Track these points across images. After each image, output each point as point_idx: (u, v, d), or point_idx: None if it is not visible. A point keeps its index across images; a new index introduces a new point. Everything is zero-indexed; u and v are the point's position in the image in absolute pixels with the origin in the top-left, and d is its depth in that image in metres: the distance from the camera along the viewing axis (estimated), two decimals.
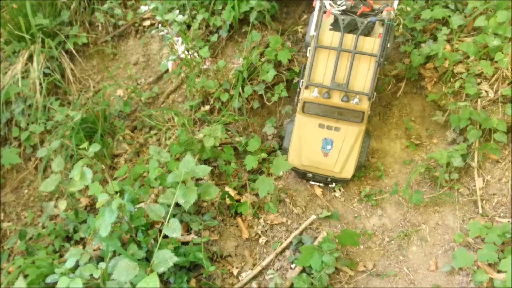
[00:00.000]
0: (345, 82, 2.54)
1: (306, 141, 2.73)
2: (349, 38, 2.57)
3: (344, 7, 2.63)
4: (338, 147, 2.69)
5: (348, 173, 2.74)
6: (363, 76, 2.56)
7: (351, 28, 2.60)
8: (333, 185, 2.89)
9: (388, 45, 2.61)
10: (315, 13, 2.72)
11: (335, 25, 2.66)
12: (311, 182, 2.93)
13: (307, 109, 2.70)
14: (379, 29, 2.67)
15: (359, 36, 2.54)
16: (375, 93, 2.64)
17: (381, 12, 2.60)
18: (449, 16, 2.96)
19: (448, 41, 3.01)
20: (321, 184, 2.93)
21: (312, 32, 2.69)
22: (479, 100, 2.85)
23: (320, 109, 2.66)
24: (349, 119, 2.66)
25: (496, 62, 2.78)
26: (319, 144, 2.71)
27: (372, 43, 2.56)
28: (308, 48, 2.73)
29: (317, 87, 2.58)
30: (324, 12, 2.62)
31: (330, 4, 2.63)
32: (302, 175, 2.88)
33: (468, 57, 2.91)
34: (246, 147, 3.00)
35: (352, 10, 2.65)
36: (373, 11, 2.66)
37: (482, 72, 2.87)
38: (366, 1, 2.67)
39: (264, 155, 2.92)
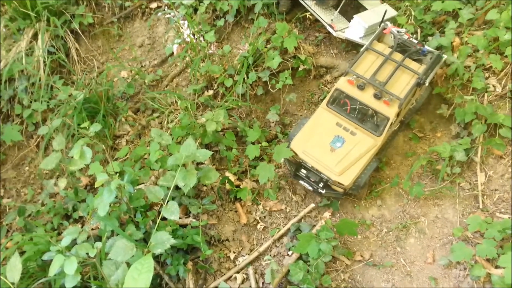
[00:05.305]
0: (384, 81, 2.62)
1: (318, 132, 2.68)
2: (398, 56, 2.74)
3: (402, 32, 2.86)
4: (347, 149, 2.60)
5: (346, 179, 2.57)
6: (402, 85, 2.65)
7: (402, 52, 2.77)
8: (323, 191, 2.68)
9: (421, 93, 2.79)
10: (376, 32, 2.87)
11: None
12: (300, 182, 2.76)
13: (332, 105, 2.72)
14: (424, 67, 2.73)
15: (406, 57, 2.73)
16: (401, 125, 2.78)
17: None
18: (460, 9, 2.90)
19: (458, 34, 2.96)
20: (309, 188, 2.73)
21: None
22: (486, 94, 2.81)
23: (344, 110, 2.69)
24: (368, 128, 2.64)
25: (506, 56, 2.74)
26: (330, 138, 2.65)
27: (417, 67, 2.71)
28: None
29: (355, 75, 2.66)
30: (384, 29, 2.84)
31: (391, 24, 2.88)
32: (295, 168, 2.74)
33: (478, 50, 2.86)
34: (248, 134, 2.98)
35: (406, 43, 2.83)
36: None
37: (491, 67, 2.83)
38: (420, 42, 2.82)
39: (264, 144, 2.91)
